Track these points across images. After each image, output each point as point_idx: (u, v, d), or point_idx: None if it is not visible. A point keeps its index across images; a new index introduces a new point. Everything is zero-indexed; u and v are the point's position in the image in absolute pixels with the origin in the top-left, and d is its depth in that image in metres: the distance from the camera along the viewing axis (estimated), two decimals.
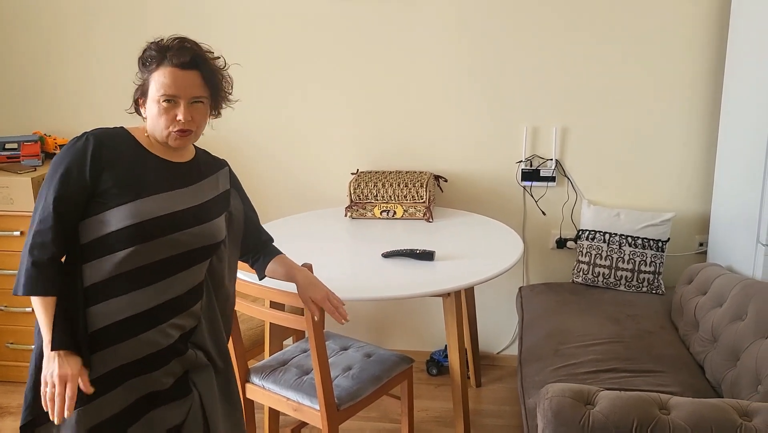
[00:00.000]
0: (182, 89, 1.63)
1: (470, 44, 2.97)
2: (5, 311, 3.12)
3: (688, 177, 2.98)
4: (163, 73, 1.63)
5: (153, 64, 1.64)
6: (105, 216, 1.59)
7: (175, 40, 1.68)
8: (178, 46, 1.65)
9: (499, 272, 2.35)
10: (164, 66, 1.63)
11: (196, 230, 1.68)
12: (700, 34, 2.83)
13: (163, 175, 1.68)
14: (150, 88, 1.65)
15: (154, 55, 1.65)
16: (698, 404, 1.69)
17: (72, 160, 1.59)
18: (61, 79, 3.26)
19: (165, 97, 1.63)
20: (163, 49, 1.65)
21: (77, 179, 1.58)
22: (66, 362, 1.55)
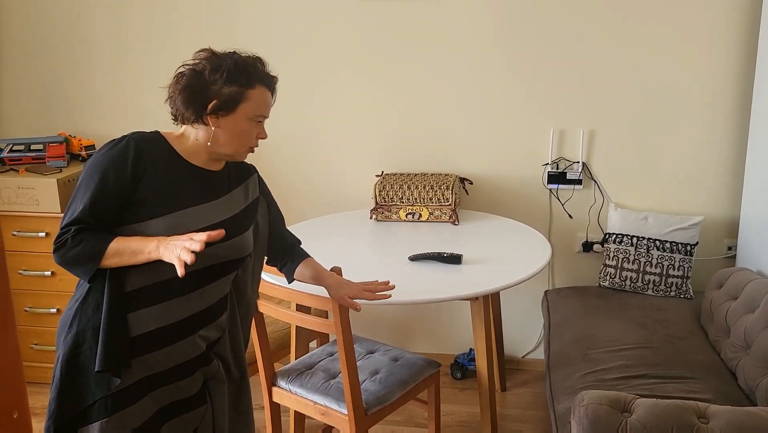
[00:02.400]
0: (269, 110, 1.71)
1: (497, 46, 2.95)
2: (30, 312, 3.14)
3: (717, 180, 2.94)
4: (260, 93, 1.65)
5: (249, 81, 1.63)
6: (140, 227, 1.58)
7: (258, 58, 1.69)
8: (266, 69, 1.69)
9: (528, 276, 2.33)
10: (261, 86, 1.66)
11: (228, 243, 1.67)
12: (730, 34, 2.79)
13: (198, 185, 1.67)
14: (241, 106, 1.64)
15: (250, 73, 1.64)
16: (737, 413, 1.66)
17: (111, 165, 1.58)
18: (87, 80, 3.27)
19: (261, 117, 1.67)
20: (256, 67, 1.66)
21: (115, 184, 1.56)
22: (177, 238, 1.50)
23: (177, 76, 1.67)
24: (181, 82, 1.64)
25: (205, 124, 1.65)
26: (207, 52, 1.67)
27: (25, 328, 3.17)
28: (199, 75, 1.63)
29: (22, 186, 2.97)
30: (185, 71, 1.66)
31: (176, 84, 1.66)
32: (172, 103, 1.69)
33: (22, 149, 3.13)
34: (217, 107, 1.62)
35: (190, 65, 1.66)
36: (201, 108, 1.63)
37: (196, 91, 1.62)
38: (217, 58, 1.65)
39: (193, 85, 1.63)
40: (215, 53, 1.67)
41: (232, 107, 1.63)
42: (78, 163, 3.21)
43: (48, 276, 3.08)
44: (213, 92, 1.62)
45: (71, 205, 1.59)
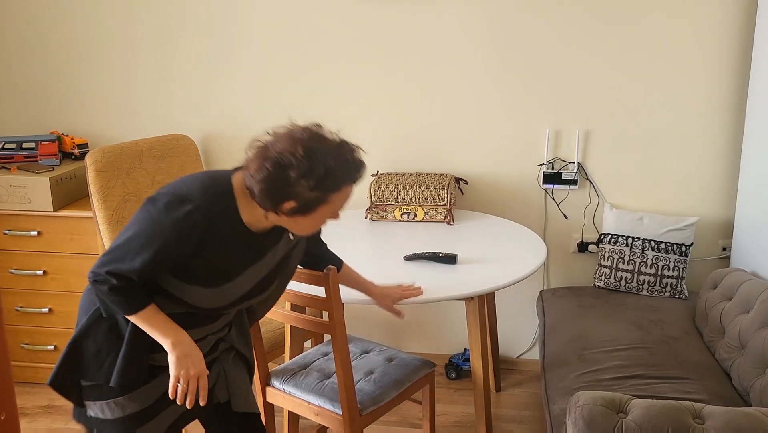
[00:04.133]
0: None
1: (493, 46, 2.95)
2: (21, 312, 3.11)
3: (711, 181, 2.95)
4: (345, 192, 1.55)
5: (336, 185, 1.52)
6: (186, 287, 1.59)
7: (353, 152, 1.55)
8: (359, 163, 1.56)
9: (523, 277, 2.32)
10: (348, 185, 1.55)
11: (257, 298, 1.73)
12: (725, 35, 2.80)
13: (250, 251, 1.63)
14: (321, 208, 1.54)
15: (341, 177, 1.51)
16: (733, 413, 1.66)
17: (175, 237, 1.50)
18: (79, 78, 3.25)
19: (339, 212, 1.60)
20: (349, 167, 1.53)
21: (174, 256, 1.53)
22: (196, 358, 1.62)
23: (260, 158, 1.50)
24: (261, 170, 1.49)
25: (278, 214, 1.55)
26: (300, 144, 1.48)
27: (15, 327, 3.14)
28: (284, 171, 1.48)
29: (13, 184, 2.94)
30: (269, 159, 1.49)
31: (257, 168, 1.50)
32: (247, 177, 1.53)
33: (14, 147, 3.11)
34: (294, 210, 1.53)
35: (276, 154, 1.49)
36: (277, 204, 1.51)
37: (275, 187, 1.49)
38: (309, 161, 1.48)
39: (274, 180, 1.49)
40: (306, 150, 1.48)
41: (310, 210, 1.53)
42: (70, 161, 3.19)
43: (39, 275, 3.05)
44: (293, 194, 1.50)
45: (121, 248, 1.53)
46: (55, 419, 2.95)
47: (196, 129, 3.23)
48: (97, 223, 2.70)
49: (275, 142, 1.52)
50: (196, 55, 3.14)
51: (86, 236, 2.98)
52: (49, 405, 3.05)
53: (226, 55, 3.12)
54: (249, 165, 1.53)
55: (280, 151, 1.49)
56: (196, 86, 3.17)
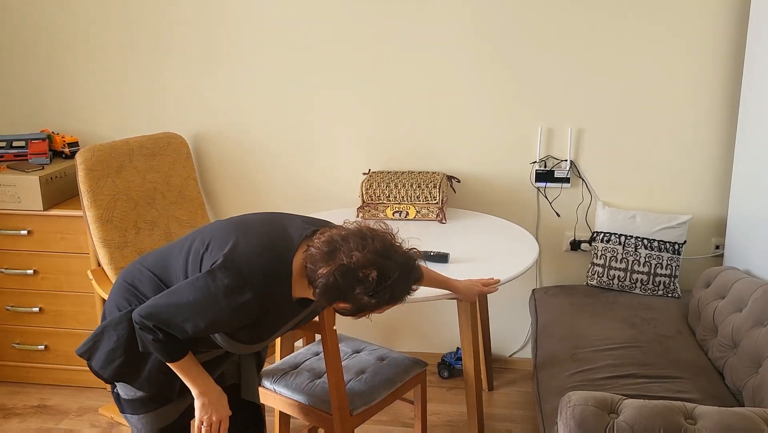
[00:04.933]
0: None
1: (485, 43, 2.93)
2: (11, 311, 3.09)
3: (705, 179, 2.94)
4: (398, 302, 1.62)
5: (393, 301, 1.58)
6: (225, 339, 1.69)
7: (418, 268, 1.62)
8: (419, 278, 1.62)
9: (515, 275, 2.31)
10: (402, 298, 1.61)
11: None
12: (718, 33, 2.79)
13: (290, 313, 1.71)
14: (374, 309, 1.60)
15: (399, 296, 1.59)
16: (725, 414, 1.65)
17: (228, 318, 1.58)
18: (70, 77, 3.23)
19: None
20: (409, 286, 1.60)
21: (222, 330, 1.63)
22: (220, 406, 1.76)
23: (329, 260, 1.53)
24: (330, 275, 1.52)
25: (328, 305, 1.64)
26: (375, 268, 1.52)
27: (6, 327, 3.12)
28: (351, 283, 1.52)
29: (3, 183, 2.92)
30: (342, 270, 1.52)
31: (327, 272, 1.52)
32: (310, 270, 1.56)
33: (4, 146, 3.08)
34: (347, 311, 1.59)
35: (350, 265, 1.51)
36: (332, 302, 1.58)
37: (337, 293, 1.54)
38: (378, 285, 1.53)
39: (339, 288, 1.53)
40: (382, 275, 1.52)
41: (361, 314, 1.61)
42: (61, 160, 3.17)
43: (30, 274, 3.03)
44: (351, 300, 1.55)
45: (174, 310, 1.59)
46: (46, 419, 2.93)
47: (187, 128, 3.21)
48: (87, 222, 2.68)
49: (347, 247, 1.53)
50: (188, 53, 3.12)
51: (77, 235, 2.96)
52: (40, 405, 3.03)
53: (218, 53, 3.10)
54: (315, 260, 1.55)
55: (353, 265, 1.51)
56: (188, 85, 3.15)
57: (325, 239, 1.56)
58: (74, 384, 3.17)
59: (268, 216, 1.72)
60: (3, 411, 2.99)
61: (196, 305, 1.57)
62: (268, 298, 1.59)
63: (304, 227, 1.66)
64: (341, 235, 1.56)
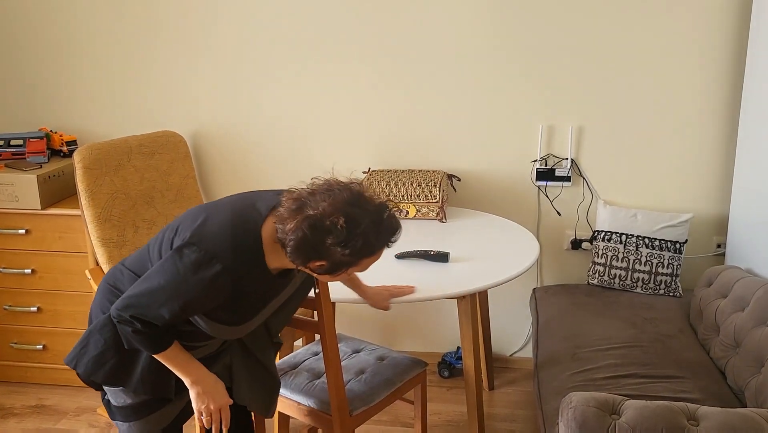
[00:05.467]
0: None
1: (485, 42, 2.91)
2: (9, 311, 3.08)
3: (706, 177, 2.92)
4: (376, 256, 1.55)
5: (370, 251, 1.52)
6: (208, 323, 1.64)
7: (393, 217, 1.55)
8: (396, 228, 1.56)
9: (515, 275, 2.29)
10: (380, 250, 1.55)
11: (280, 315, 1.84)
12: (720, 31, 2.77)
13: (273, 288, 1.67)
14: (350, 269, 1.55)
15: (377, 244, 1.52)
16: (727, 415, 1.64)
17: (201, 296, 1.54)
18: (68, 75, 3.21)
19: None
20: (384, 236, 1.53)
21: (198, 309, 1.58)
22: (217, 393, 1.71)
23: (297, 217, 1.48)
24: (298, 229, 1.47)
25: (305, 267, 1.56)
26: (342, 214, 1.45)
27: (4, 327, 3.11)
28: (321, 236, 1.47)
29: (1, 182, 2.90)
30: (309, 219, 1.47)
31: (294, 228, 1.48)
32: (280, 230, 1.52)
33: (2, 144, 3.07)
34: (323, 269, 1.53)
35: (317, 216, 1.46)
36: (306, 261, 1.52)
37: (309, 249, 1.49)
38: (349, 232, 1.46)
39: (310, 243, 1.48)
40: (349, 218, 1.46)
41: (339, 271, 1.54)
42: (59, 159, 3.15)
43: (28, 274, 3.02)
44: (325, 255, 1.49)
45: (147, 297, 1.56)
46: (44, 419, 2.92)
47: (186, 126, 3.19)
48: (86, 221, 2.66)
49: (314, 201, 1.49)
50: (187, 52, 3.10)
51: (75, 234, 2.94)
52: (38, 405, 3.02)
53: (217, 51, 3.08)
54: (283, 219, 1.51)
55: (320, 215, 1.46)
56: (187, 83, 3.14)
57: (292, 197, 1.52)
58: (72, 384, 3.15)
59: (239, 194, 1.68)
60: (1, 411, 2.98)
61: (167, 287, 1.53)
62: (241, 269, 1.54)
63: (273, 197, 1.62)
64: (308, 191, 1.52)
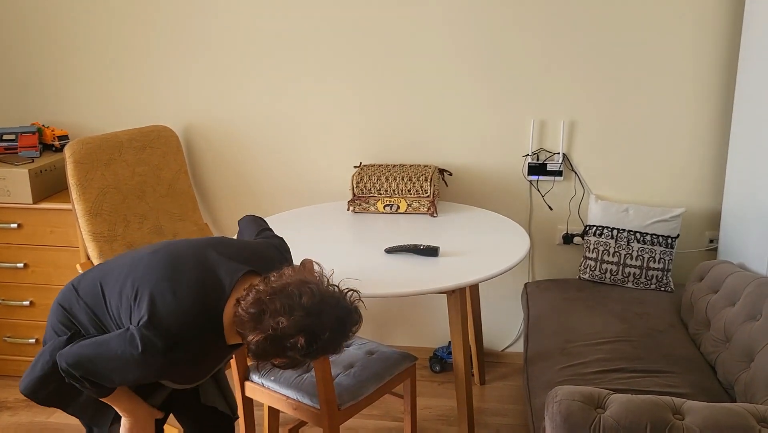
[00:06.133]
0: None
1: (477, 35, 2.90)
2: (2, 305, 3.08)
3: (698, 172, 2.92)
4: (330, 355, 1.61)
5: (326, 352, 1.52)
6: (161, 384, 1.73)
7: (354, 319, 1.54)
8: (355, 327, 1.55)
9: (505, 269, 2.29)
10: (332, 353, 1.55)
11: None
12: (713, 25, 2.76)
13: (226, 354, 1.68)
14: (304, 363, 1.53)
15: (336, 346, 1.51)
16: (713, 409, 1.63)
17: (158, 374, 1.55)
18: (61, 70, 3.20)
19: None
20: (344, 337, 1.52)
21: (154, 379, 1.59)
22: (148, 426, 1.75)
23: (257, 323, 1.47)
24: (259, 342, 1.47)
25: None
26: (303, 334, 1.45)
27: None
28: (281, 347, 1.47)
29: None
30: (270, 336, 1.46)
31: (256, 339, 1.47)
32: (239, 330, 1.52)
33: None
34: (279, 365, 1.54)
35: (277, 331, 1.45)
36: (264, 361, 1.53)
37: (268, 354, 1.50)
38: (309, 346, 1.47)
39: (269, 351, 1.49)
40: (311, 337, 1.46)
41: (297, 368, 1.55)
42: (51, 153, 3.15)
43: (20, 268, 3.01)
44: (282, 357, 1.50)
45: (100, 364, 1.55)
46: (37, 412, 2.92)
47: (178, 121, 3.18)
48: (76, 215, 2.66)
49: (273, 308, 1.46)
50: (179, 46, 3.09)
51: (66, 229, 2.94)
52: None
53: (209, 46, 3.07)
54: (243, 323, 1.50)
55: (280, 334, 1.45)
56: (180, 78, 3.13)
57: (251, 300, 1.49)
58: None
59: (199, 255, 1.62)
60: None
61: (122, 363, 1.52)
62: (201, 352, 1.55)
63: (235, 268, 1.59)
64: (268, 294, 1.48)
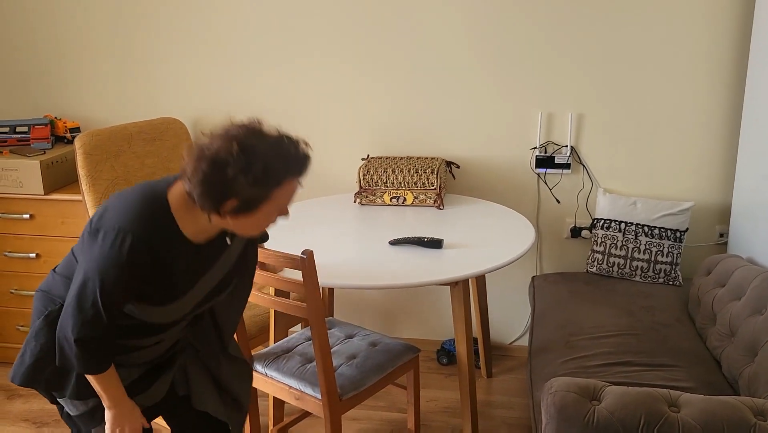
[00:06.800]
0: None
1: (485, 27, 2.89)
2: (15, 294, 3.13)
3: (708, 165, 2.88)
4: (289, 187, 1.49)
5: (278, 180, 1.46)
6: (139, 306, 1.58)
7: (296, 144, 1.49)
8: (303, 157, 1.50)
9: (507, 262, 2.28)
10: (291, 180, 1.48)
11: (211, 302, 1.73)
12: (724, 16, 2.72)
13: (200, 261, 1.61)
14: (264, 205, 1.48)
15: (282, 171, 1.46)
16: (710, 402, 1.62)
17: (121, 275, 1.48)
18: (73, 63, 3.24)
19: (285, 207, 1.53)
20: (290, 161, 1.47)
21: (127, 290, 1.52)
22: (133, 418, 1.68)
23: (196, 160, 1.45)
24: (198, 171, 1.43)
25: (221, 216, 1.49)
26: (235, 141, 1.43)
27: (10, 310, 3.16)
28: (221, 170, 1.42)
29: (5, 168, 2.94)
30: (205, 158, 1.43)
31: (193, 170, 1.44)
32: (185, 182, 1.48)
33: (7, 131, 3.11)
34: (237, 209, 1.46)
35: (212, 153, 1.43)
36: (218, 205, 1.45)
37: (214, 187, 1.43)
38: (247, 157, 1.42)
39: (212, 180, 1.43)
40: (243, 146, 1.42)
41: (253, 208, 1.47)
42: (63, 145, 3.19)
43: (33, 258, 3.06)
44: (233, 192, 1.44)
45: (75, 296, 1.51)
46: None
47: (188, 113, 3.21)
48: (86, 206, 2.69)
49: (211, 143, 1.45)
50: (188, 39, 3.11)
51: (77, 220, 2.98)
52: None
53: (218, 38, 3.09)
54: (186, 170, 1.47)
55: (216, 150, 1.43)
56: (190, 70, 3.15)
57: (191, 151, 1.48)
58: None
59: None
60: (7, 392, 3.03)
61: (90, 278, 1.49)
62: (154, 238, 1.49)
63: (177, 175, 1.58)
64: (205, 141, 1.47)
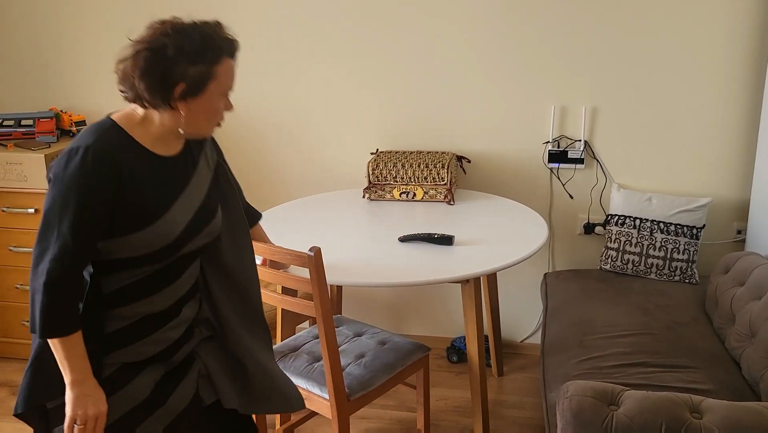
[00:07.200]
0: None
1: (497, 20, 2.83)
2: (21, 289, 3.10)
3: (726, 160, 2.81)
4: (227, 66, 1.52)
5: (216, 56, 1.50)
6: (127, 239, 1.51)
7: (218, 24, 1.54)
8: (231, 36, 1.55)
9: (519, 259, 2.23)
10: (227, 58, 1.52)
11: (205, 231, 1.64)
12: (743, 7, 2.65)
13: (168, 179, 1.58)
14: (211, 85, 1.51)
15: (216, 47, 1.50)
16: (734, 408, 1.56)
17: (85, 190, 1.43)
18: (79, 56, 3.20)
19: (229, 90, 1.56)
20: (220, 38, 1.51)
21: (96, 210, 1.46)
22: (95, 399, 1.53)
23: (133, 57, 1.48)
24: (138, 64, 1.47)
25: (173, 108, 1.51)
26: (165, 26, 1.49)
27: (16, 305, 3.13)
28: (159, 56, 1.46)
29: (10, 162, 2.91)
30: (142, 50, 1.47)
31: (134, 66, 1.48)
32: (128, 86, 1.50)
33: (12, 124, 3.07)
34: (186, 92, 1.49)
35: (146, 43, 1.47)
36: (167, 93, 1.49)
37: (159, 75, 1.46)
38: (179, 35, 1.47)
39: (155, 68, 1.46)
40: (175, 27, 1.48)
41: (201, 89, 1.51)
42: (68, 138, 3.15)
43: None
44: (178, 75, 1.47)
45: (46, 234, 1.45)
46: None
47: None
48: None
49: (141, 38, 1.50)
50: None
51: None
52: None
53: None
54: (121, 73, 1.51)
55: (149, 39, 1.48)
56: None
57: (125, 53, 1.52)
58: None
59: None
60: (11, 388, 3.01)
61: (55, 204, 1.44)
62: (110, 149, 1.47)
63: None
64: (136, 39, 1.52)
